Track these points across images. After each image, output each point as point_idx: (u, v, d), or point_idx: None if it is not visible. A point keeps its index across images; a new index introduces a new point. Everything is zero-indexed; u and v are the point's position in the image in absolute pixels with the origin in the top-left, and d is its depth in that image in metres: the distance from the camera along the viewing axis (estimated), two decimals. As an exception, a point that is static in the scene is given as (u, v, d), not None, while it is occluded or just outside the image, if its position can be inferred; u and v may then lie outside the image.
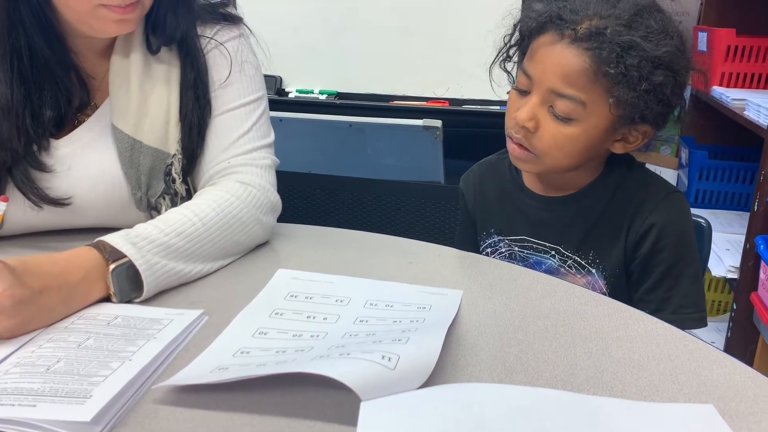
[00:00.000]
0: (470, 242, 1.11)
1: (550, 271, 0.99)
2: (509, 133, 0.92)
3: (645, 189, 0.95)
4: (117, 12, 0.80)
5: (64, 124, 0.89)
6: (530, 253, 1.00)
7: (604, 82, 0.84)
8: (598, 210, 0.96)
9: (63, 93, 0.87)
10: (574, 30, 0.85)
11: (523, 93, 0.91)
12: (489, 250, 1.05)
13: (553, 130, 0.88)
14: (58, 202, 0.87)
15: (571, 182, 0.97)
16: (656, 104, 0.85)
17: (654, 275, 0.94)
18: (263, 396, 0.57)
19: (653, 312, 0.93)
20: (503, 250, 1.03)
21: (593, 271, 0.97)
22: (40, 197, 0.85)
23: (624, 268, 0.96)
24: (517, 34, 0.96)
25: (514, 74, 0.98)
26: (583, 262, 0.97)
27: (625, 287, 0.97)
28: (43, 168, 0.86)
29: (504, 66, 0.99)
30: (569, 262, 0.97)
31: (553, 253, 0.98)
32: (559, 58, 0.86)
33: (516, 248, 1.02)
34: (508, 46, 0.98)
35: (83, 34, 0.86)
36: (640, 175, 0.97)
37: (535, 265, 1.00)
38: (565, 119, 0.87)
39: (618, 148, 0.92)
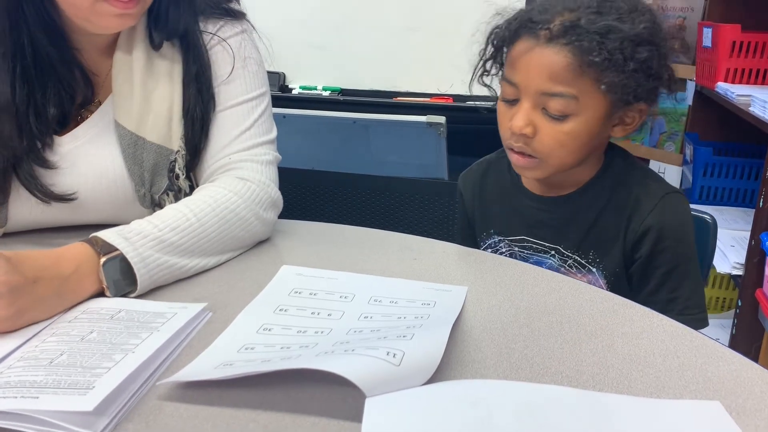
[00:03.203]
0: (470, 239, 1.10)
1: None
2: (508, 144, 0.92)
3: (643, 188, 0.94)
4: (118, 7, 0.79)
5: (67, 121, 0.89)
6: (530, 254, 1.00)
7: (590, 72, 0.84)
8: (597, 209, 0.95)
9: (66, 90, 0.87)
10: (548, 29, 0.85)
11: (511, 102, 0.90)
12: (489, 250, 1.05)
13: (551, 131, 0.87)
14: (64, 198, 0.87)
15: (571, 180, 0.97)
16: (646, 80, 0.86)
17: (656, 278, 0.94)
18: (268, 392, 0.57)
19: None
20: (504, 250, 1.03)
21: (594, 270, 0.96)
22: (45, 194, 0.86)
23: (624, 267, 0.96)
24: (491, 47, 0.95)
25: (493, 86, 0.98)
26: (583, 261, 0.96)
27: (626, 286, 0.97)
28: (47, 165, 0.86)
29: (482, 81, 0.99)
30: (569, 261, 0.97)
31: (553, 252, 0.98)
32: (541, 60, 0.86)
33: (516, 248, 1.01)
34: (483, 60, 0.97)
35: (85, 31, 0.85)
36: (639, 174, 0.97)
37: (535, 265, 0.99)
38: (561, 117, 0.87)
39: (618, 132, 0.93)
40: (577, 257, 0.97)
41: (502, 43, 0.93)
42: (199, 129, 0.91)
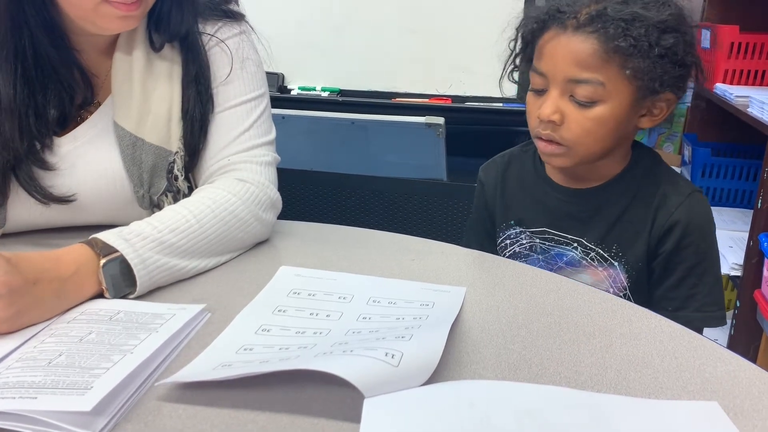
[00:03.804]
0: (482, 235, 1.10)
1: (571, 263, 0.99)
2: (536, 133, 0.94)
3: (671, 184, 0.96)
4: (121, 9, 0.79)
5: (67, 122, 0.89)
6: (552, 245, 1.01)
7: (616, 59, 0.86)
8: (623, 203, 0.97)
9: (67, 92, 0.87)
10: (576, 18, 0.88)
11: (539, 92, 0.93)
12: (508, 242, 1.05)
13: (579, 118, 0.89)
14: (63, 200, 0.87)
15: (597, 173, 0.98)
16: (672, 67, 0.88)
17: (677, 273, 0.95)
18: (266, 393, 0.57)
19: (676, 309, 0.93)
20: (524, 241, 1.03)
21: (615, 264, 0.97)
22: (44, 195, 0.86)
23: (646, 262, 0.96)
24: (520, 40, 0.97)
25: (519, 81, 1.00)
26: (606, 255, 0.97)
27: (646, 282, 0.98)
28: (46, 167, 0.86)
29: (512, 77, 1.01)
30: (592, 254, 0.98)
31: (575, 245, 0.99)
32: (568, 47, 0.88)
33: (537, 240, 1.02)
34: (513, 54, 0.99)
35: (86, 32, 0.85)
36: (666, 171, 0.98)
37: (556, 257, 1.00)
38: (589, 103, 0.88)
39: (645, 123, 0.94)
40: (600, 250, 0.98)
41: (531, 35, 0.95)
42: (198, 130, 0.91)
